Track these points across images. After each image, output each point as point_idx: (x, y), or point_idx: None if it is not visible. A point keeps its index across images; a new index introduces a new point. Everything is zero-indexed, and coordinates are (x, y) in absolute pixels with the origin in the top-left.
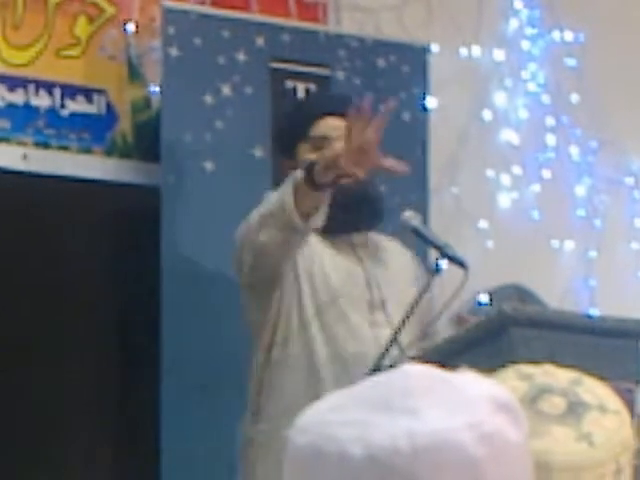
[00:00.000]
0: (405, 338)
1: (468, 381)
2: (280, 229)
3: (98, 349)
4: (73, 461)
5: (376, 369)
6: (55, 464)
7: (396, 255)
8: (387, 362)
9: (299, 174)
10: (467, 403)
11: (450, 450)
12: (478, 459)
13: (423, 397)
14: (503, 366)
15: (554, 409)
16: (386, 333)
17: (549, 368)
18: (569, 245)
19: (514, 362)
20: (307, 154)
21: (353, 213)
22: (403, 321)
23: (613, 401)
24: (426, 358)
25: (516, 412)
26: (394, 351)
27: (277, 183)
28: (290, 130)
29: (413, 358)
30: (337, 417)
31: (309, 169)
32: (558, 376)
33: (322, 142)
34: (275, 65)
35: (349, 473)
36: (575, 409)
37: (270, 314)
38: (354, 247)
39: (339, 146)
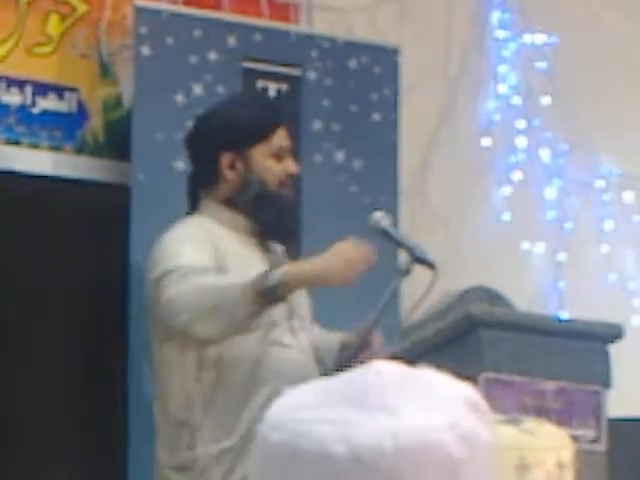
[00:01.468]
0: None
1: (439, 380)
2: (228, 324)
3: (65, 349)
4: (42, 460)
5: (337, 369)
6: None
7: None
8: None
9: (255, 285)
10: (443, 403)
11: (432, 449)
12: (458, 459)
13: (399, 395)
14: (471, 367)
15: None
16: (304, 338)
17: None
18: (539, 247)
19: (482, 363)
20: (266, 160)
21: (281, 224)
22: (374, 323)
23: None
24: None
25: (486, 412)
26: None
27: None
28: (253, 131)
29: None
30: (313, 414)
31: (268, 287)
32: None
33: (281, 152)
34: (247, 65)
35: (330, 471)
36: (515, 419)
37: None
38: (269, 255)
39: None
